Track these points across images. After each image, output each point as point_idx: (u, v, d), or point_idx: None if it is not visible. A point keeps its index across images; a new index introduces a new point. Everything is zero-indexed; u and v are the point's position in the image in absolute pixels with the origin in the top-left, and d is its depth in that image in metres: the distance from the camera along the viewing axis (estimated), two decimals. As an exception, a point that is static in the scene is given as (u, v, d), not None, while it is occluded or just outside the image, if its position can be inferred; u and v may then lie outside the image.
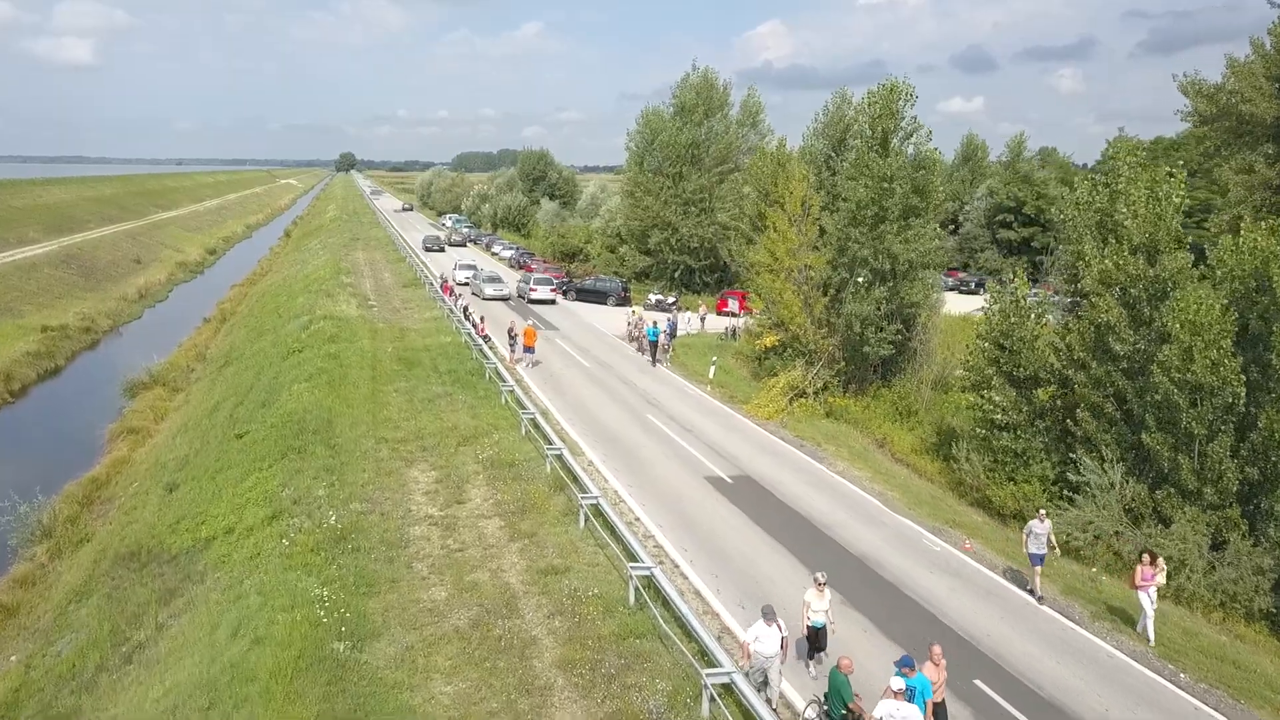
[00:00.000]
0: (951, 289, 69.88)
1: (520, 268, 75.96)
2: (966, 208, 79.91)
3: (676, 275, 61.44)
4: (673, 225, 59.86)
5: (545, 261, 73.89)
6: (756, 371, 40.71)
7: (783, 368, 35.11)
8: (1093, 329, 24.28)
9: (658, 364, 39.11)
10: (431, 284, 61.62)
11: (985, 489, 25.63)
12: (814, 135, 41.71)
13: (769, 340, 35.36)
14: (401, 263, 78.62)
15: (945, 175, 33.97)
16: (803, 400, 33.99)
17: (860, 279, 33.82)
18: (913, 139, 34.27)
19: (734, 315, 55.84)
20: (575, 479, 24.23)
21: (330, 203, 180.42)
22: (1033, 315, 26.27)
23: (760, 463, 27.52)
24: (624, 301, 59.30)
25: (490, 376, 36.61)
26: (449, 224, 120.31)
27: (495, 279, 61.15)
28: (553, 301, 58.53)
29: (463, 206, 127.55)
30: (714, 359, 39.50)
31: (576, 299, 60.49)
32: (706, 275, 61.84)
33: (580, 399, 34.56)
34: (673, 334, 47.60)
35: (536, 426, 29.09)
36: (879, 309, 33.73)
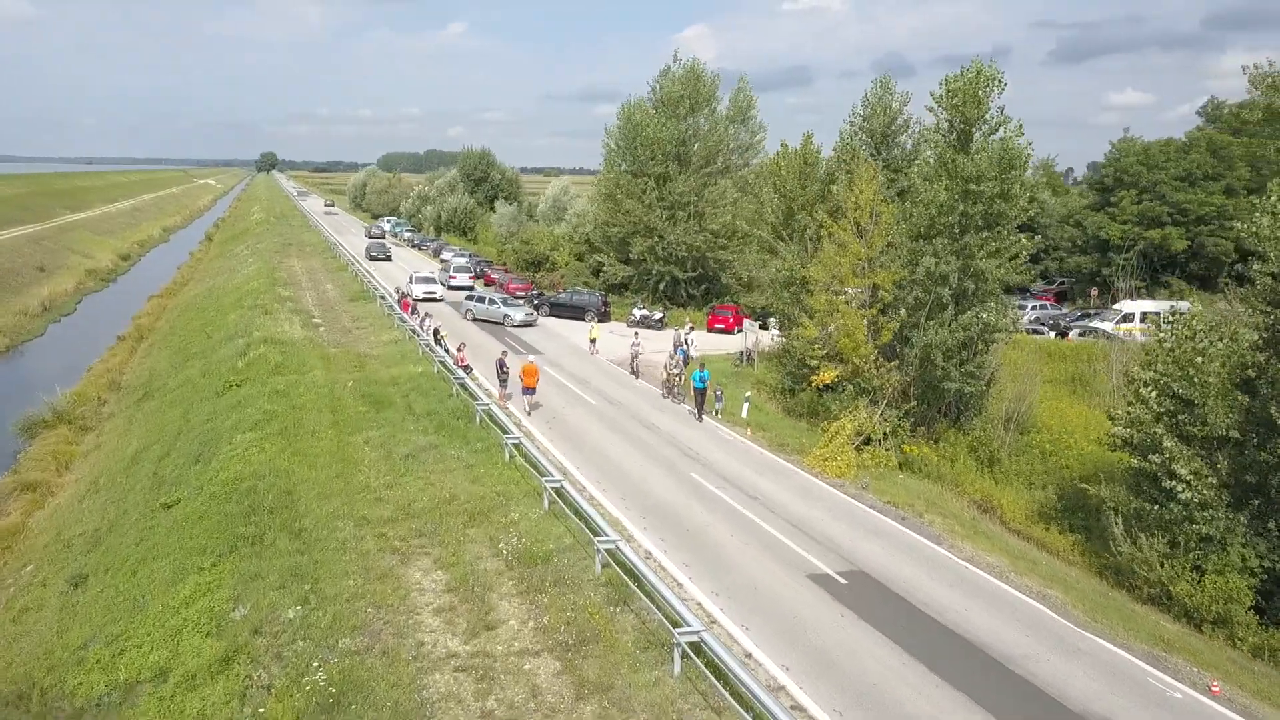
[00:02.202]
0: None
1: (478, 277, 68.67)
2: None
3: (661, 288, 55.00)
4: (658, 232, 53.39)
5: (506, 270, 66.76)
6: (790, 407, 34.57)
7: (842, 409, 28.93)
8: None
9: (704, 418, 31.92)
10: (384, 298, 54.15)
11: (1167, 583, 19.74)
12: (853, 130, 35.69)
13: (827, 376, 29.15)
14: (344, 272, 70.73)
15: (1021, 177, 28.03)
16: (871, 448, 27.86)
17: (944, 300, 27.93)
18: (999, 133, 28.44)
19: (727, 333, 49.82)
20: (641, 584, 17.71)
21: (254, 204, 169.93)
22: (1214, 354, 20.48)
23: (866, 549, 21.22)
24: (604, 317, 52.68)
25: (482, 421, 29.75)
26: (387, 227, 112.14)
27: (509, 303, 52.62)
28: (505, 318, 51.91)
29: (401, 209, 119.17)
30: (746, 395, 33.18)
31: (550, 314, 53.63)
32: (693, 287, 55.53)
33: (602, 452, 27.91)
34: (685, 361, 41.25)
35: (562, 496, 22.43)
36: (964, 336, 27.88)
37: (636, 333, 40.17)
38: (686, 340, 41.72)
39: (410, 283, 55.90)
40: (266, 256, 78.83)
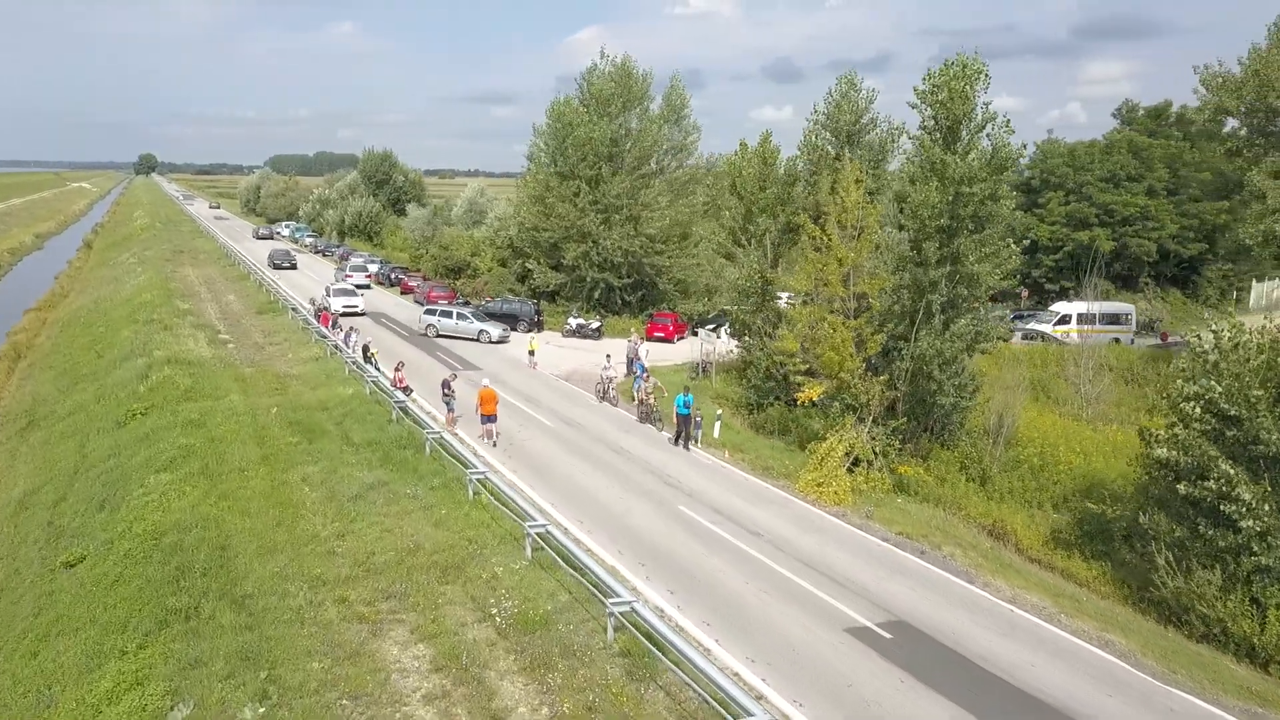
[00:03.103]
0: None
1: (393, 284, 64.74)
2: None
3: (596, 295, 52.27)
4: (592, 237, 50.64)
5: (424, 277, 62.99)
6: (758, 424, 32.40)
7: (828, 427, 26.80)
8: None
9: (691, 448, 28.75)
10: (296, 310, 50.01)
11: (1226, 621, 18.09)
12: (816, 128, 33.69)
13: (813, 392, 26.94)
14: (245, 281, 65.86)
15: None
16: (861, 470, 25.79)
17: (934, 308, 26.10)
18: (986, 130, 26.76)
19: (667, 342, 47.47)
20: (665, 651, 15.11)
21: (136, 208, 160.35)
22: (1258, 367, 18.97)
23: (896, 591, 19.01)
24: (536, 326, 49.74)
25: (433, 451, 26.62)
26: (286, 232, 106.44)
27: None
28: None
29: (301, 213, 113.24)
30: (718, 413, 30.81)
31: (479, 325, 50.29)
32: (628, 294, 52.97)
33: (574, 484, 25.13)
34: (629, 371, 38.68)
35: (547, 542, 19.60)
36: (958, 345, 26.12)
37: (608, 355, 36.79)
38: (637, 353, 39.18)
39: (327, 295, 51.37)
40: (157, 265, 73.11)
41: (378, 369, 35.70)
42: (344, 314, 47.53)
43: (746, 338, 35.53)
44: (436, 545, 20.30)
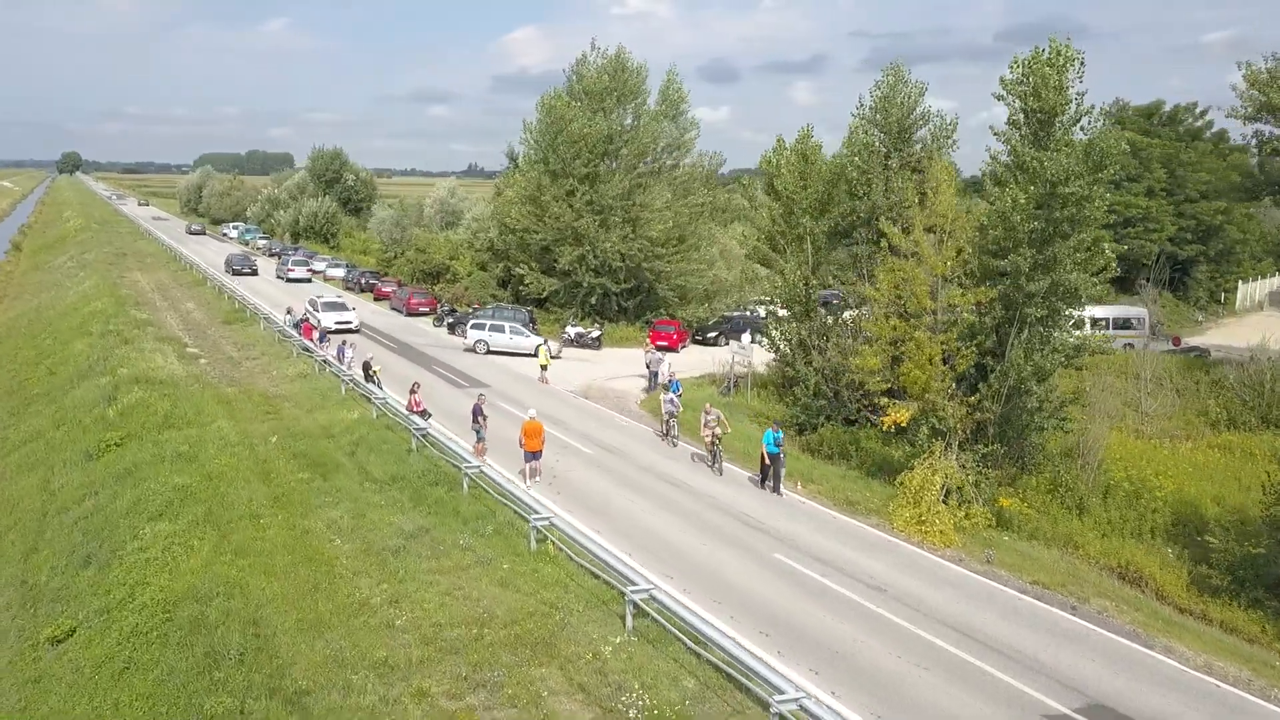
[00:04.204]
0: None
1: (366, 290, 60.68)
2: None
3: (592, 301, 49.05)
4: (589, 240, 47.40)
5: (399, 282, 59.05)
6: (811, 446, 29.58)
7: (915, 453, 24.01)
8: None
9: (784, 492, 24.94)
10: (267, 319, 45.91)
11: None
12: (864, 124, 30.91)
13: (900, 415, 24.09)
14: (202, 286, 61.25)
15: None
16: (954, 503, 23.04)
17: (1031, 319, 23.54)
18: (1081, 124, 24.23)
19: (670, 350, 44.42)
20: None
21: (65, 208, 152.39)
22: None
23: (1073, 664, 16.19)
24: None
25: (470, 486, 23.27)
26: (234, 234, 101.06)
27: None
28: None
29: (249, 213, 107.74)
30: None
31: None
32: (626, 300, 49.83)
33: (638, 525, 21.99)
34: (653, 385, 35.72)
35: (643, 610, 16.46)
36: (1058, 361, 23.61)
37: (656, 376, 32.63)
38: (659, 364, 36.15)
39: (315, 309, 46.18)
40: (101, 269, 67.92)
41: (379, 387, 32.10)
42: (336, 330, 42.98)
43: (785, 349, 32.67)
44: (511, 612, 17.02)
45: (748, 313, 53.53)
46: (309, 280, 66.34)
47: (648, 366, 37.92)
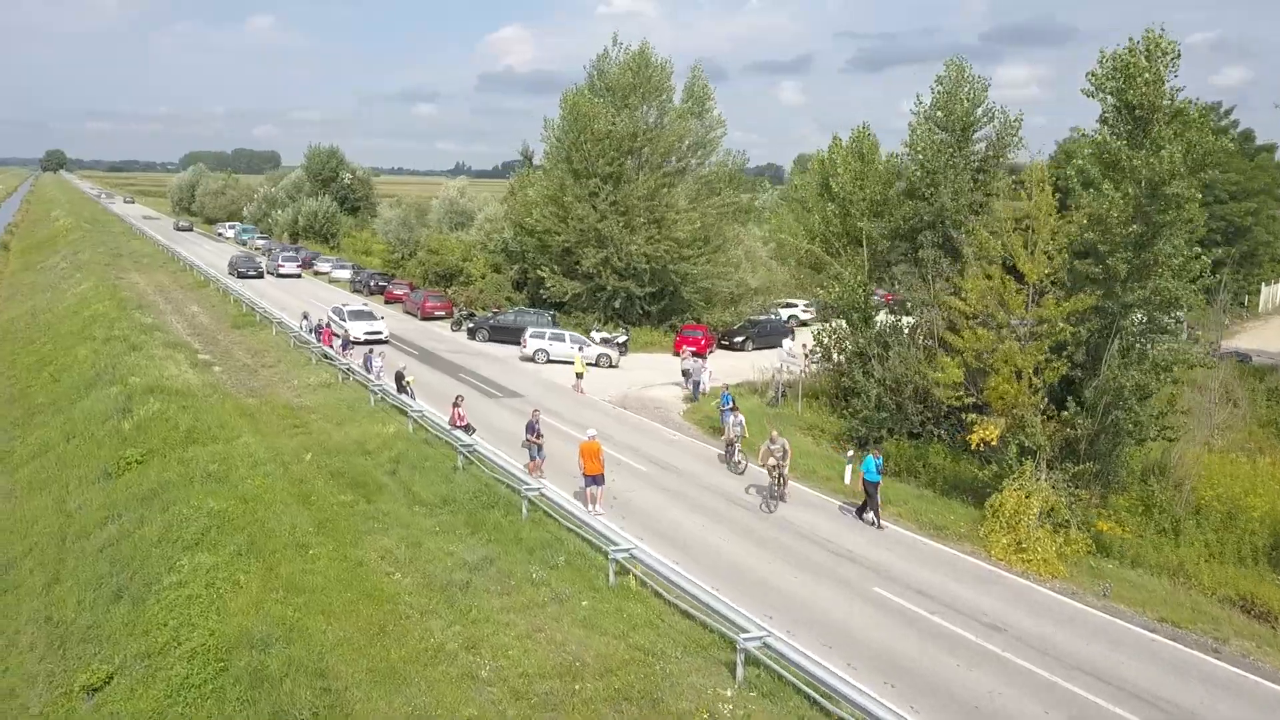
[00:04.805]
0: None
1: (376, 292, 58.73)
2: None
3: (616, 305, 47.33)
4: (616, 242, 45.67)
5: (411, 285, 57.12)
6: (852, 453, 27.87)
7: (1004, 475, 22.36)
8: None
9: (885, 524, 22.55)
10: (281, 324, 44.00)
11: None
12: (925, 124, 29.26)
13: (989, 433, 22.44)
14: (205, 289, 59.20)
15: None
16: (1046, 527, 21.42)
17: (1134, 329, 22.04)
18: (1180, 120, 22.67)
19: (700, 356, 42.72)
20: None
21: (53, 206, 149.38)
22: None
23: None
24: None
25: (528, 509, 21.55)
26: (230, 234, 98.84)
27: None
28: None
29: (245, 213, 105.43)
30: (848, 454, 26.28)
31: (490, 339, 45.02)
32: (649, 304, 48.13)
33: (717, 553, 20.31)
34: (697, 394, 34.11)
35: (752, 657, 14.78)
36: (1162, 374, 22.09)
37: (722, 402, 28.96)
38: (700, 372, 34.47)
39: (343, 319, 43.07)
40: (97, 270, 65.73)
41: (412, 397, 30.32)
42: (366, 341, 40.16)
43: (838, 358, 31.07)
44: (603, 660, 15.31)
45: (774, 316, 52.02)
46: (299, 276, 67.50)
47: (685, 374, 36.31)
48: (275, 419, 29.69)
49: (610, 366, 40.04)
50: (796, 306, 56.59)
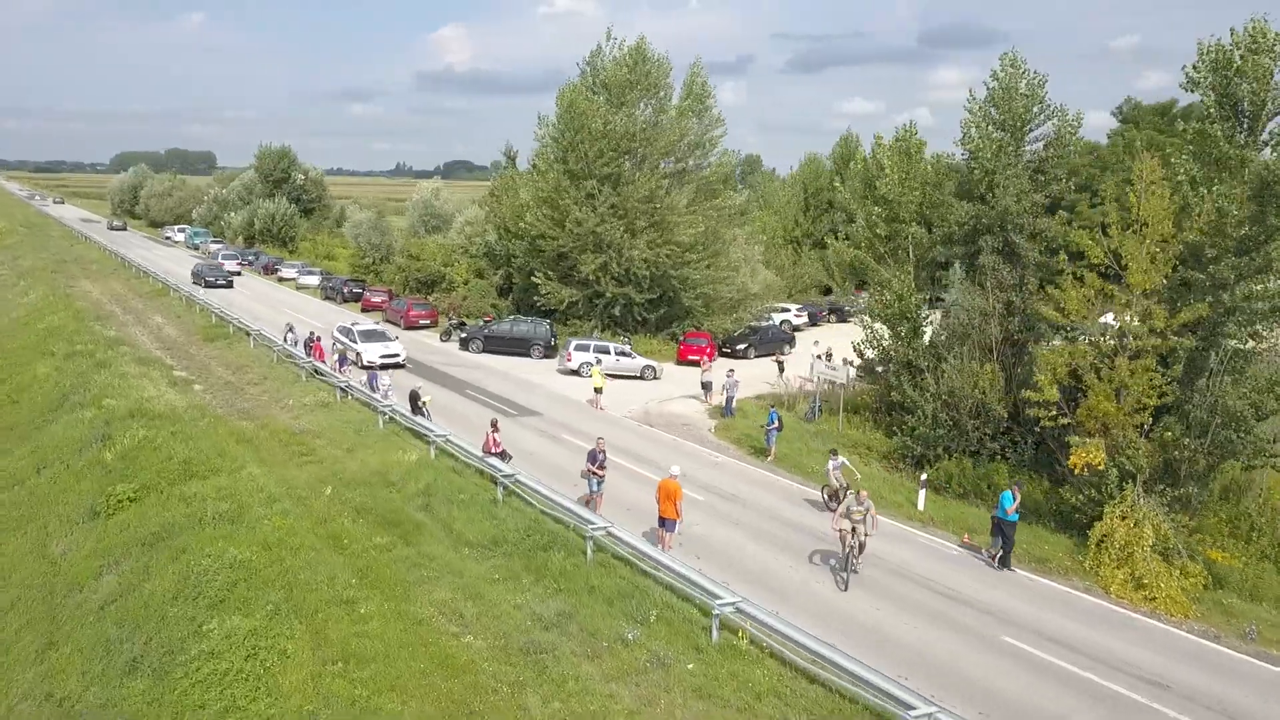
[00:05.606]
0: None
1: (350, 300, 55.58)
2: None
3: (614, 312, 45.02)
4: (615, 246, 43.36)
5: (391, 292, 54.07)
6: (931, 482, 25.98)
7: (1108, 500, 20.52)
8: None
9: (1016, 569, 20.09)
10: (259, 336, 40.86)
11: None
12: (980, 122, 27.43)
13: (1093, 456, 20.54)
14: (165, 297, 55.48)
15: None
16: (1171, 561, 19.61)
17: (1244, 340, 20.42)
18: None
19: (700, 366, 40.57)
20: None
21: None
22: None
23: None
24: (551, 351, 42.07)
25: (593, 551, 19.19)
26: (180, 238, 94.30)
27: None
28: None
29: (194, 215, 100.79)
30: (923, 478, 24.30)
31: (485, 350, 42.37)
32: (648, 310, 45.90)
33: (820, 600, 18.16)
34: (729, 410, 31.97)
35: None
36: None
37: (835, 455, 23.54)
38: (734, 387, 32.29)
39: (353, 340, 38.20)
40: (45, 278, 61.62)
41: (428, 417, 27.75)
42: (383, 366, 35.54)
43: (884, 370, 29.17)
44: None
45: (775, 323, 50.16)
46: (239, 274, 67.37)
47: (705, 387, 34.18)
48: (277, 445, 26.86)
49: (655, 379, 38.07)
50: (789, 311, 54.85)
